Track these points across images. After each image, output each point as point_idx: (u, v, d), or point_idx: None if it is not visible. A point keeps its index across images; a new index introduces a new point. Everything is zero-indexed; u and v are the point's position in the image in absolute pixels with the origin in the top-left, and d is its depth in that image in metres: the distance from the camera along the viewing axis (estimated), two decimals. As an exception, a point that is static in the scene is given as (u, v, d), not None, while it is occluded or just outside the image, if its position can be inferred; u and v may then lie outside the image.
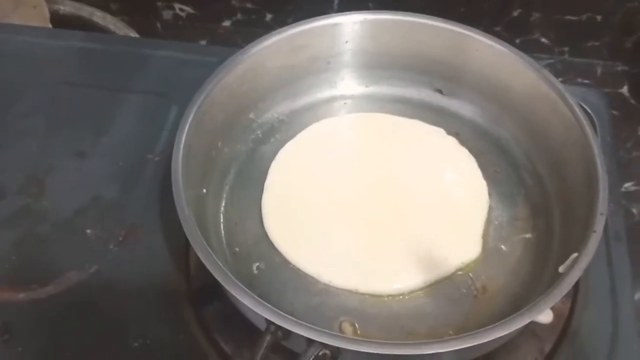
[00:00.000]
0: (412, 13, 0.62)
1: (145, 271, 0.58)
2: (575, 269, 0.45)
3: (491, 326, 0.41)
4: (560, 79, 0.86)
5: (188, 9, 0.97)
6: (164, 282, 0.57)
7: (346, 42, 0.64)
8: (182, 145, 0.52)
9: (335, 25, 0.62)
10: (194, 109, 0.54)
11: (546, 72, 0.57)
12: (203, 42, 0.97)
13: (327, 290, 0.54)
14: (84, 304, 0.56)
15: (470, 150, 0.63)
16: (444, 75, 0.65)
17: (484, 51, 0.60)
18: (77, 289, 0.56)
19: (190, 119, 0.54)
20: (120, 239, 0.60)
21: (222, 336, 0.53)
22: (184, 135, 0.52)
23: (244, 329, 0.51)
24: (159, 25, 1.00)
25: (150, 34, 0.97)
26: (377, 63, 0.66)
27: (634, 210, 0.72)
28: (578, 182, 0.53)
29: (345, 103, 0.68)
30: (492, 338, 0.41)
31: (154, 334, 0.54)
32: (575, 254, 0.46)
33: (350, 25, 0.63)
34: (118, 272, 0.58)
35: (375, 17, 0.62)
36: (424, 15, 0.62)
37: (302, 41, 0.62)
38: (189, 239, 0.47)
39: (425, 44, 0.63)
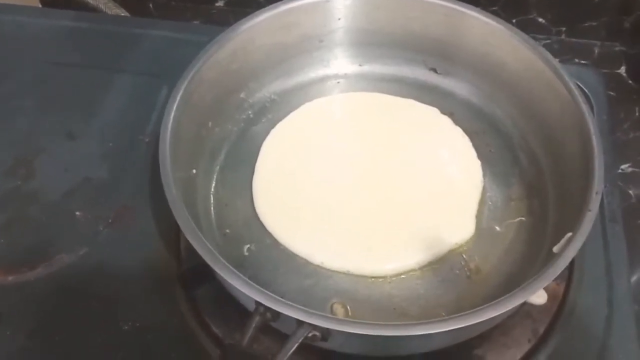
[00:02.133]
0: (405, -10, 0.61)
1: (136, 253, 0.57)
2: (569, 248, 0.44)
3: (481, 307, 0.41)
4: (557, 59, 0.86)
5: (180, -11, 0.96)
6: (154, 264, 0.56)
7: (339, 19, 0.63)
8: (170, 125, 0.51)
9: (327, 1, 0.61)
10: (183, 87, 0.53)
11: (542, 49, 0.56)
12: (196, 23, 0.95)
13: (319, 272, 0.54)
14: (73, 286, 0.55)
15: (465, 130, 0.62)
16: (438, 53, 0.64)
17: (480, 28, 0.59)
18: (67, 272, 0.56)
19: (178, 97, 0.53)
20: (110, 220, 0.59)
21: (213, 318, 0.53)
22: (172, 114, 0.52)
23: (235, 311, 0.51)
24: (151, 5, 0.98)
25: (142, 14, 0.95)
26: (371, 41, 0.65)
27: (631, 192, 0.71)
28: (574, 161, 0.52)
29: (338, 82, 0.67)
30: (483, 319, 0.40)
31: (144, 317, 0.53)
32: (570, 234, 0.45)
33: (342, 2, 0.61)
34: (108, 254, 0.57)
35: (368, -7, 0.61)
36: (417, -8, 0.61)
37: (293, 18, 0.61)
38: (177, 220, 0.46)
39: (419, 21, 0.62)
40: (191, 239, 0.45)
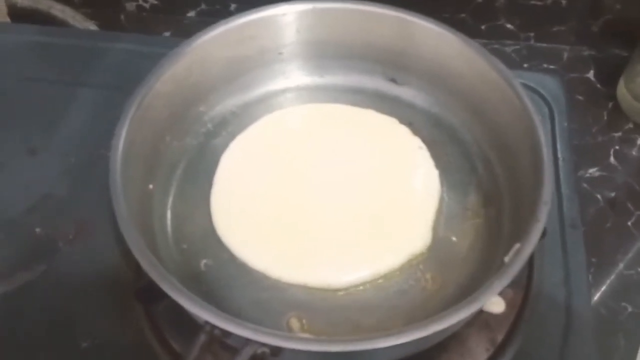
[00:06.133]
0: (362, 1, 0.61)
1: (95, 269, 0.57)
2: (516, 259, 0.44)
3: (422, 322, 0.41)
4: (525, 65, 0.86)
5: (151, 0, 0.96)
6: (114, 280, 0.56)
7: (297, 31, 0.63)
8: (121, 142, 0.51)
9: (284, 14, 0.61)
10: (135, 103, 0.53)
11: (494, 58, 0.56)
12: (167, 34, 0.95)
13: (276, 286, 0.53)
14: (31, 304, 0.55)
15: (424, 140, 0.62)
16: (396, 64, 0.64)
17: (434, 39, 0.59)
18: (26, 290, 0.56)
19: (130, 114, 0.52)
20: (71, 237, 0.59)
21: (172, 334, 0.53)
22: (124, 131, 0.51)
23: (193, 326, 0.50)
24: (122, 17, 0.98)
25: (114, 26, 0.95)
26: (330, 53, 0.65)
27: (599, 196, 0.72)
28: (526, 170, 0.52)
29: (299, 94, 0.67)
30: (420, 336, 0.40)
31: (103, 334, 0.53)
32: (518, 245, 0.45)
33: (299, 15, 0.61)
34: (68, 271, 0.57)
35: (324, 5, 0.61)
36: (373, 3, 0.60)
37: (251, 32, 0.61)
38: (125, 237, 0.46)
39: (376, 33, 0.62)
40: (138, 255, 0.45)
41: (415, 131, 0.63)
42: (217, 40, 0.59)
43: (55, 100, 0.70)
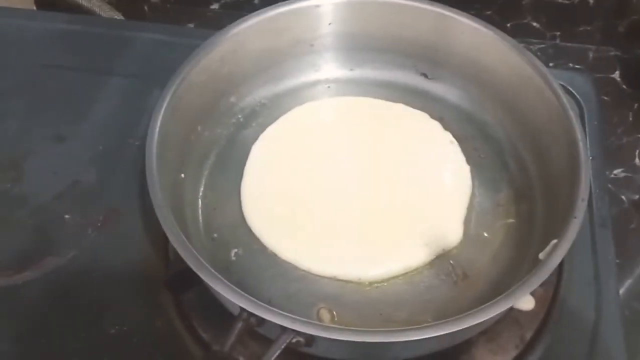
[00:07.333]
0: (395, -6, 0.61)
1: (124, 257, 0.57)
2: (554, 255, 0.44)
3: (464, 314, 0.41)
4: (551, 64, 0.86)
5: (175, -9, 0.96)
6: (143, 267, 0.56)
7: (329, 24, 0.63)
8: (157, 130, 0.51)
9: (318, 6, 0.61)
10: (170, 91, 0.53)
11: (530, 55, 0.56)
12: (191, 25, 0.95)
13: (306, 277, 0.53)
14: (60, 290, 0.55)
15: (454, 135, 0.62)
16: (428, 58, 0.64)
17: (469, 34, 0.59)
18: (55, 275, 0.56)
19: (166, 102, 0.52)
20: (99, 224, 0.59)
21: (200, 323, 0.53)
22: (159, 119, 0.51)
23: (221, 315, 0.50)
24: (146, 8, 0.98)
25: (137, 17, 0.95)
26: (362, 46, 0.65)
27: (624, 197, 0.71)
28: (561, 167, 0.52)
29: (329, 87, 0.67)
30: (465, 326, 0.40)
31: (131, 320, 0.53)
32: (555, 241, 0.45)
33: (332, 7, 0.61)
34: (96, 258, 0.57)
35: (358, -2, 0.61)
36: (407, -4, 0.60)
37: (284, 23, 0.61)
38: (162, 225, 0.46)
39: (409, 27, 0.62)
40: (175, 244, 0.45)
41: (446, 126, 0.63)
42: (251, 31, 0.59)
43: (82, 88, 0.71)
